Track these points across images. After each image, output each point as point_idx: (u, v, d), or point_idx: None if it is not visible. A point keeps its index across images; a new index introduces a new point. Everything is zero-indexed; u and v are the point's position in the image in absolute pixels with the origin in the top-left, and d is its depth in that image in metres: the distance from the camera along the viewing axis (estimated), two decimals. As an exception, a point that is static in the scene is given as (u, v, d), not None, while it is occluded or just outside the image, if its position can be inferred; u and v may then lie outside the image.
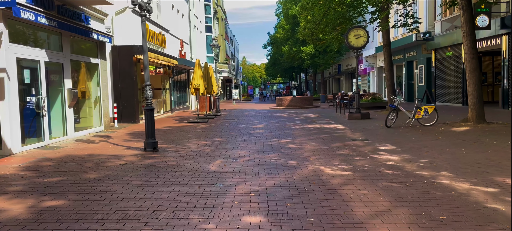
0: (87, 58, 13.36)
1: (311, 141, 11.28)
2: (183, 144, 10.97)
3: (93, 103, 13.99)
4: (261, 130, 14.83)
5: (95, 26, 13.21)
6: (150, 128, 9.66)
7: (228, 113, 24.96)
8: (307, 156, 8.83)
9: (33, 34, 10.49)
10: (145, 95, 9.72)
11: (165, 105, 23.86)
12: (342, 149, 9.74)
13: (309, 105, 30.79)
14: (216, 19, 47.55)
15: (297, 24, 41.36)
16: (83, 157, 8.87)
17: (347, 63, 45.02)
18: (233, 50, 77.15)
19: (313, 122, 17.38)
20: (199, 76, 18.43)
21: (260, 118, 20.95)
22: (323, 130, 14.26)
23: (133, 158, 8.71)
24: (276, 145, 10.58)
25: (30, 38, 10.33)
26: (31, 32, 10.35)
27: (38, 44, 10.51)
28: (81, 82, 13.31)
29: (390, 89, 20.95)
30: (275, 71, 65.04)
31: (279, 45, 46.77)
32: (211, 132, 14.33)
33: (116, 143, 11.19)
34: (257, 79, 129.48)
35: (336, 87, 52.74)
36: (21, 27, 9.83)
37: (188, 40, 30.80)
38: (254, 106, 35.15)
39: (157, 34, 21.27)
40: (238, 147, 10.40)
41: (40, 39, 10.77)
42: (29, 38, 10.29)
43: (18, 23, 9.54)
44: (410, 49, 29.35)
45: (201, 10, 38.64)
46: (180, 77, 28.97)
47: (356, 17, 22.37)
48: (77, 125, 13.07)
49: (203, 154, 9.21)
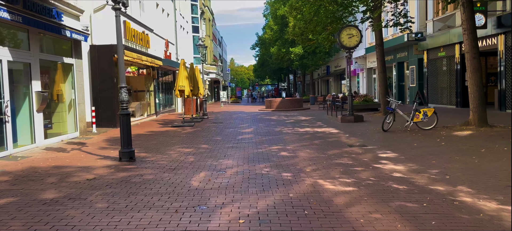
0: (59, 58, 12.22)
1: (305, 148, 10.37)
2: (165, 152, 9.95)
3: (68, 107, 12.84)
4: (251, 134, 13.87)
5: (69, 23, 12.08)
6: (126, 135, 8.61)
7: (215, 116, 23.94)
8: (303, 166, 7.90)
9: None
10: (120, 98, 8.68)
11: (150, 108, 22.72)
12: (340, 157, 8.84)
13: (298, 108, 29.94)
14: (203, 20, 46.46)
15: (285, 24, 40.53)
16: (47, 170, 7.78)
17: (336, 64, 44.41)
18: (221, 52, 76.05)
19: (305, 126, 16.49)
20: (184, 78, 17.39)
21: (249, 121, 19.98)
22: (316, 134, 13.37)
23: (105, 171, 7.66)
24: (267, 153, 9.63)
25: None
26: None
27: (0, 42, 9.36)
28: (53, 84, 12.18)
29: (383, 90, 20.20)
30: (264, 73, 64.18)
31: (268, 46, 45.89)
32: (196, 137, 13.32)
33: (90, 152, 10.10)
34: (245, 81, 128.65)
35: (325, 89, 52.12)
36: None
37: (174, 40, 29.67)
38: (243, 109, 34.17)
39: (140, 33, 20.16)
40: (225, 155, 9.42)
41: (2, 36, 9.62)
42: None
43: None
44: (401, 50, 28.77)
45: (187, 10, 37.51)
46: (165, 79, 27.82)
47: (346, 16, 21.62)
48: (49, 131, 11.92)
49: (186, 165, 8.21)
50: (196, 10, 40.99)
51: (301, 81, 60.12)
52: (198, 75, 21.06)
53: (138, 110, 20.30)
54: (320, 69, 47.75)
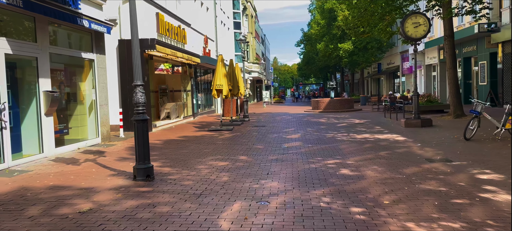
0: (76, 52, 10.62)
1: (370, 162, 8.00)
2: (193, 166, 7.96)
3: (88, 110, 11.26)
4: (298, 142, 11.64)
5: (88, 12, 10.46)
6: (142, 147, 6.69)
7: (257, 118, 21.86)
8: (376, 194, 5.59)
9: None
10: (135, 100, 6.77)
11: (186, 109, 21.06)
12: (423, 178, 6.43)
13: (349, 109, 27.21)
14: (246, 16, 44.63)
15: (333, 19, 37.78)
16: (39, 192, 6.00)
17: (388, 61, 41.02)
18: (264, 50, 74.08)
19: (362, 131, 13.99)
20: (222, 76, 15.44)
21: (294, 124, 17.72)
22: (379, 142, 10.90)
23: (110, 196, 5.76)
24: (323, 170, 7.37)
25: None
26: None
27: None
28: (69, 83, 10.62)
29: (454, 90, 17.18)
30: (309, 71, 61.46)
31: (314, 43, 43.23)
32: (234, 144, 11.28)
33: (105, 164, 8.33)
34: (289, 80, 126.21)
35: (376, 88, 48.57)
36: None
37: (214, 36, 27.97)
38: (287, 110, 31.89)
39: (175, 27, 18.50)
40: (268, 173, 7.27)
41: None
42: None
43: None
44: (468, 43, 25.26)
45: (228, 4, 35.78)
46: (205, 78, 26.18)
47: (407, 5, 18.75)
48: (66, 137, 10.36)
49: (216, 188, 6.14)
50: (238, 6, 39.21)
51: (348, 80, 56.81)
52: (239, 73, 19.08)
53: (173, 111, 18.65)
54: (371, 67, 44.41)
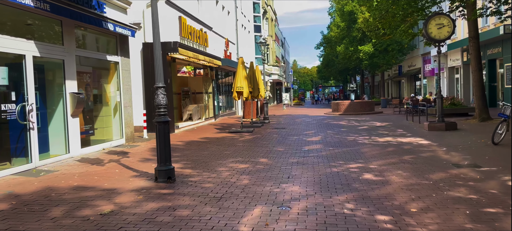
0: (101, 55, 10.83)
1: (394, 167, 7.84)
2: (214, 168, 7.98)
3: (113, 111, 11.46)
4: (319, 144, 11.53)
5: (113, 16, 10.65)
6: (163, 149, 6.75)
7: (277, 120, 21.80)
8: (402, 201, 5.46)
9: (14, 19, 7.97)
10: (156, 102, 6.84)
11: (208, 111, 21.20)
12: (451, 185, 6.24)
13: (369, 111, 26.85)
14: (266, 19, 44.67)
15: (353, 21, 37.41)
16: (63, 193, 6.13)
17: (409, 63, 40.32)
18: (284, 53, 73.97)
19: (384, 134, 13.75)
20: (242, 78, 15.48)
21: (315, 126, 17.58)
22: (402, 146, 10.69)
23: (131, 198, 5.82)
24: (345, 174, 7.26)
25: (9, 25, 7.81)
26: (11, 16, 7.81)
27: (23, 33, 7.95)
28: (95, 85, 10.84)
29: (479, 92, 16.71)
30: (328, 74, 61.07)
31: (334, 45, 42.89)
32: (254, 146, 11.26)
33: (128, 165, 8.44)
34: (308, 83, 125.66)
35: (396, 91, 47.78)
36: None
37: (235, 39, 28.09)
38: (307, 112, 31.70)
39: (197, 31, 18.66)
40: (289, 176, 7.22)
41: (26, 27, 8.26)
42: (7, 24, 7.76)
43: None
44: (493, 45, 24.57)
45: (249, 8, 35.89)
46: (226, 80, 26.31)
47: (429, 6, 18.36)
48: (92, 137, 10.57)
49: (237, 191, 6.13)
50: (258, 9, 39.29)
51: (368, 83, 56.11)
52: (259, 75, 19.09)
53: (195, 113, 18.80)
54: (391, 69, 43.72)
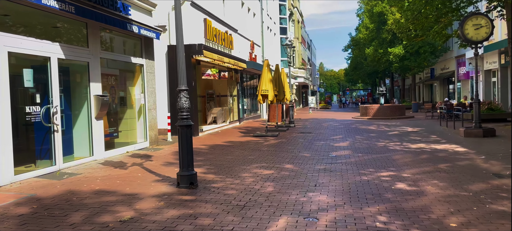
0: (126, 57, 10.80)
1: (429, 176, 7.33)
2: (237, 174, 7.72)
3: (137, 114, 11.41)
4: (347, 150, 11.07)
5: (138, 18, 10.61)
6: (186, 153, 6.54)
7: (303, 124, 21.37)
8: (440, 214, 5.01)
9: (40, 22, 7.98)
10: (179, 105, 6.64)
11: (232, 114, 21.02)
12: (494, 197, 5.71)
13: (400, 115, 25.94)
14: (292, 21, 44.25)
15: (383, 22, 36.41)
16: (85, 197, 6.00)
17: (442, 66, 38.84)
18: (310, 55, 73.21)
19: (416, 140, 13.11)
20: (268, 81, 15.18)
21: (342, 131, 17.06)
22: (436, 153, 10.09)
23: (152, 204, 5.62)
24: (376, 183, 6.83)
25: (34, 27, 7.82)
26: (36, 18, 7.83)
27: (48, 36, 7.95)
28: (120, 88, 10.80)
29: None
30: (356, 76, 59.85)
31: (362, 47, 41.94)
32: (279, 151, 10.93)
33: (151, 169, 8.30)
34: (335, 86, 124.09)
35: (428, 95, 46.17)
36: (19, 10, 7.27)
37: (260, 42, 27.85)
38: (333, 116, 31.06)
39: (222, 33, 18.52)
40: (316, 184, 6.85)
41: (51, 29, 8.27)
42: (33, 27, 7.78)
43: (12, 5, 6.99)
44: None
45: (275, 10, 35.59)
46: (251, 83, 26.09)
47: (465, 6, 17.52)
48: (116, 140, 10.54)
49: (261, 199, 5.83)
50: (284, 11, 38.94)
51: (398, 86, 54.59)
52: (285, 78, 18.75)
53: (220, 116, 18.65)
54: (423, 72, 42.31)
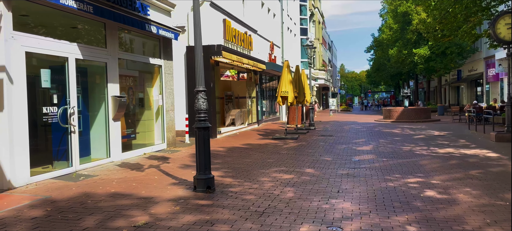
0: (144, 58, 10.70)
1: (460, 183, 6.87)
2: (256, 178, 7.44)
3: (155, 115, 11.30)
4: (371, 155, 10.63)
5: (157, 18, 10.49)
6: (203, 156, 6.31)
7: (323, 127, 20.93)
8: (476, 225, 4.60)
9: (58, 22, 7.91)
10: (196, 106, 6.43)
11: (251, 116, 20.78)
12: (536, 209, 5.24)
13: (425, 119, 25.15)
14: (313, 22, 43.74)
15: (408, 22, 35.50)
16: (99, 200, 5.84)
17: (470, 68, 37.54)
18: (331, 57, 72.36)
19: (444, 144, 12.53)
20: (288, 82, 14.86)
21: (365, 134, 16.56)
22: (466, 159, 9.55)
23: (167, 209, 5.41)
24: (403, 190, 6.42)
25: (53, 27, 7.76)
26: (55, 18, 7.77)
27: (67, 36, 7.89)
28: (138, 89, 10.71)
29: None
30: (379, 78, 58.72)
31: (385, 48, 41.03)
32: (299, 155, 10.60)
33: (167, 171, 8.12)
34: (356, 88, 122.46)
35: (454, 97, 44.78)
36: (37, 10, 7.22)
37: (280, 43, 27.55)
38: (355, 118, 30.42)
39: (242, 34, 18.33)
40: (339, 190, 6.50)
41: (69, 29, 8.21)
42: (51, 27, 7.71)
43: (31, 5, 6.94)
44: None
45: (295, 11, 35.22)
46: (270, 85, 25.81)
47: (496, 5, 16.75)
48: (134, 141, 10.44)
49: (281, 206, 5.53)
50: (305, 12, 38.51)
51: (423, 88, 53.25)
52: (305, 80, 18.39)
53: (238, 118, 18.44)
54: (449, 74, 41.07)
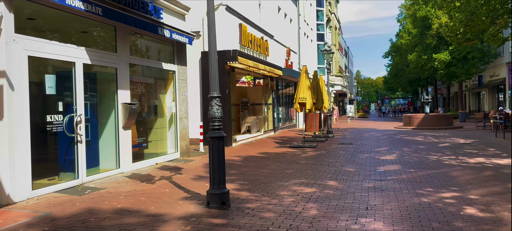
0: (157, 63, 10.26)
1: (502, 198, 6.16)
2: (274, 192, 6.85)
3: (168, 123, 10.83)
4: (396, 164, 9.93)
5: (170, 22, 10.06)
6: (217, 168, 5.77)
7: (342, 134, 20.20)
8: (535, 255, 3.91)
9: (65, 25, 7.53)
10: (210, 114, 5.91)
11: (267, 123, 20.21)
12: None
13: (447, 126, 24.16)
14: (329, 28, 43.04)
15: (427, 27, 34.53)
16: (103, 218, 5.35)
17: (491, 73, 36.27)
18: (347, 63, 71.39)
19: (473, 153, 11.72)
20: (306, 88, 14.26)
21: (386, 142, 15.80)
22: (501, 169, 8.79)
23: (177, 227, 4.86)
24: (440, 206, 5.75)
25: (59, 30, 7.36)
26: (61, 21, 7.38)
27: (74, 40, 7.50)
28: (150, 95, 10.27)
29: None
30: (397, 84, 57.51)
31: (404, 54, 40.04)
32: (319, 165, 9.97)
33: (179, 184, 7.60)
34: (372, 94, 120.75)
35: (475, 103, 43.38)
36: (42, 12, 6.82)
37: (296, 48, 26.96)
38: (373, 125, 29.54)
39: (258, 39, 17.82)
40: (367, 207, 5.86)
41: (77, 33, 7.81)
42: (57, 30, 7.32)
43: (35, 6, 6.54)
44: None
45: (312, 16, 34.62)
46: (286, 91, 25.21)
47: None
48: (146, 151, 9.98)
49: (303, 226, 4.93)
50: (321, 17, 37.87)
51: (442, 94, 51.87)
52: (323, 85, 17.75)
53: (254, 125, 17.88)
54: (470, 79, 39.80)
